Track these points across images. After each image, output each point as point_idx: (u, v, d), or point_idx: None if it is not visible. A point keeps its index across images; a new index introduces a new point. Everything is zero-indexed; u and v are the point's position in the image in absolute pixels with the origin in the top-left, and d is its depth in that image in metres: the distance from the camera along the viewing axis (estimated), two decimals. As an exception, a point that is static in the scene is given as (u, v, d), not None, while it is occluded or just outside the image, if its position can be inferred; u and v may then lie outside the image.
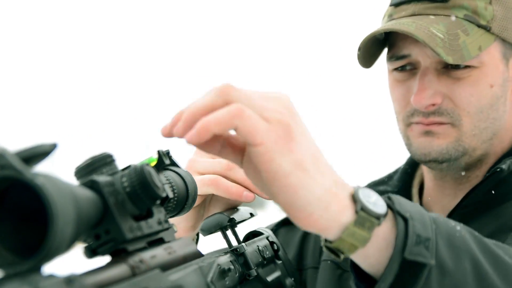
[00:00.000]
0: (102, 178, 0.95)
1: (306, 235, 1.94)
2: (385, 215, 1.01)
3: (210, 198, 1.55)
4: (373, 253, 1.02)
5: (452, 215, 1.68)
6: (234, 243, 1.40)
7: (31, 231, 0.85)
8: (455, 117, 1.67)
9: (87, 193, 0.89)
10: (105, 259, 0.96)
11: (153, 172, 1.02)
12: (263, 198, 1.48)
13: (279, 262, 1.52)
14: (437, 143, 1.69)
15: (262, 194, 1.48)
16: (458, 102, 1.66)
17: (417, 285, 1.00)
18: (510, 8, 1.71)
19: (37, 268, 0.76)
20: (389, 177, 1.95)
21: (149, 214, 1.04)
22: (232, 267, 1.22)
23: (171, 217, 1.18)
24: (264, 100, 0.98)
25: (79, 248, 0.99)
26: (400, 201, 1.06)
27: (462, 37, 1.63)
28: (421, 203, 1.88)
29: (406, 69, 1.73)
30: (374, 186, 1.92)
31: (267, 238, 1.52)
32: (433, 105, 1.66)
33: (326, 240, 1.03)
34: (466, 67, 1.65)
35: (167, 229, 1.09)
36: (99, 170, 0.99)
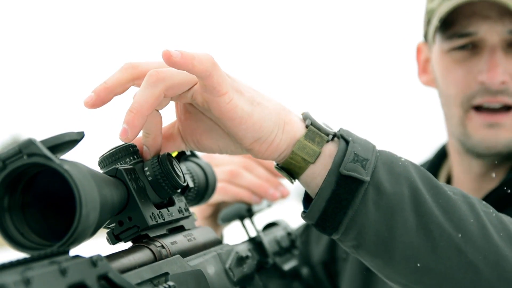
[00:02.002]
0: (125, 167, 0.99)
1: (309, 233, 1.91)
2: (333, 135, 1.07)
3: (222, 206, 1.57)
4: (320, 172, 1.06)
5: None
6: (253, 233, 1.44)
7: (58, 217, 0.88)
8: None
9: (111, 181, 0.93)
10: (128, 245, 1.00)
11: (175, 162, 1.06)
12: (270, 199, 1.52)
13: (296, 252, 1.55)
14: (504, 136, 1.64)
15: (269, 195, 1.52)
16: None
17: (353, 202, 1.03)
18: None
19: (64, 251, 0.80)
20: None
21: (171, 203, 1.08)
22: (250, 255, 1.25)
23: (192, 206, 1.22)
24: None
25: (103, 234, 1.03)
26: (348, 131, 1.10)
27: None
28: None
29: (467, 48, 1.66)
30: None
31: (284, 228, 1.55)
32: (503, 83, 1.62)
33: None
34: None
35: (187, 217, 1.12)
36: (123, 159, 1.03)
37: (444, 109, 1.75)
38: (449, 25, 1.65)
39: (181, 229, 1.11)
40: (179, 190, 1.07)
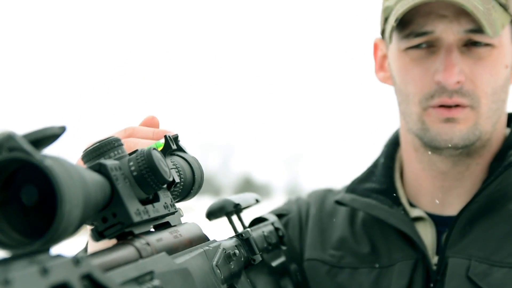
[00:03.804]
0: (109, 162, 0.96)
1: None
2: None
3: None
4: None
5: (463, 212, 1.65)
6: (240, 229, 1.41)
7: (40, 213, 0.86)
8: (475, 99, 1.63)
9: (95, 176, 0.90)
10: (112, 242, 0.98)
11: (160, 156, 1.03)
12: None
13: (284, 248, 1.53)
14: (459, 128, 1.64)
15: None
16: (479, 83, 1.63)
17: None
18: None
19: (45, 249, 0.77)
20: (370, 172, 1.90)
21: (156, 198, 1.06)
22: (237, 251, 1.23)
23: (178, 201, 1.20)
24: None
25: (86, 231, 1.00)
26: None
27: (493, 12, 1.61)
28: (406, 196, 1.83)
29: (422, 47, 1.66)
30: (359, 183, 1.87)
31: (272, 224, 1.53)
32: (459, 83, 1.62)
33: None
34: (487, 45, 1.63)
35: (173, 213, 1.10)
36: (107, 154, 1.00)
37: (402, 107, 1.75)
38: (406, 24, 1.65)
39: (167, 225, 1.09)
40: (164, 186, 1.04)
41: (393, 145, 1.90)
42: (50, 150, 0.85)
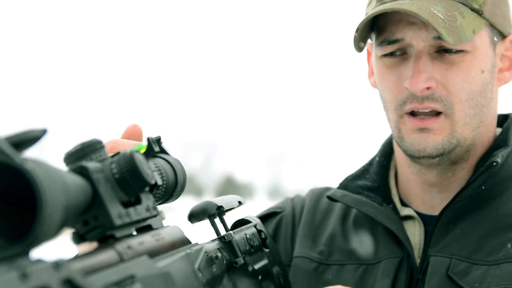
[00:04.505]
0: (91, 164, 0.96)
1: (276, 232, 1.93)
2: None
3: None
4: None
5: (445, 211, 1.68)
6: (222, 231, 1.41)
7: (20, 216, 0.85)
8: (448, 105, 1.65)
9: (76, 179, 0.89)
10: (93, 245, 0.97)
11: (142, 159, 1.02)
12: None
13: (267, 250, 1.52)
14: (433, 139, 1.66)
15: None
16: (451, 88, 1.65)
17: None
18: None
19: (25, 253, 0.77)
20: (365, 170, 1.93)
21: (138, 201, 1.05)
22: (219, 254, 1.23)
23: (160, 204, 1.19)
24: None
25: (67, 234, 1.00)
26: None
27: (459, 19, 1.62)
28: (399, 195, 1.86)
29: (396, 54, 1.69)
30: (352, 180, 1.89)
31: (255, 226, 1.52)
32: (428, 89, 1.64)
33: None
34: (459, 51, 1.64)
35: (155, 216, 1.09)
36: (89, 156, 1.00)
37: (385, 112, 1.78)
38: (380, 31, 1.69)
39: (148, 228, 1.08)
40: (147, 188, 1.04)
41: (390, 144, 1.92)
42: (31, 153, 0.84)
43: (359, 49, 1.73)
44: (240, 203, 1.54)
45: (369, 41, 1.81)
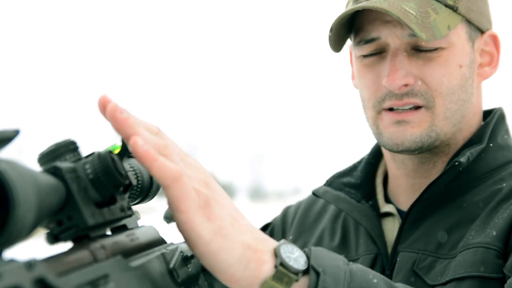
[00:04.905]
0: (65, 165, 0.96)
1: None
2: (304, 271, 1.06)
3: None
4: None
5: (413, 208, 1.70)
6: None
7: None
8: (428, 98, 1.66)
9: (49, 180, 0.90)
10: (67, 245, 0.97)
11: (116, 159, 1.03)
12: None
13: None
14: (411, 132, 1.68)
15: None
16: (430, 83, 1.66)
17: None
18: None
19: (-3, 254, 0.77)
20: (354, 167, 1.95)
21: (112, 201, 1.05)
22: None
23: (135, 204, 1.19)
24: (189, 167, 1.03)
25: (41, 234, 1.00)
26: (318, 254, 1.10)
27: (433, 15, 1.63)
28: (385, 193, 1.89)
29: (374, 54, 1.71)
30: (339, 177, 1.92)
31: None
32: (406, 85, 1.66)
33: None
34: (435, 49, 1.66)
35: (130, 216, 1.09)
36: (63, 156, 1.00)
37: (363, 111, 1.81)
38: (358, 31, 1.71)
39: (123, 228, 1.08)
40: (121, 188, 1.04)
41: (376, 154, 1.95)
42: (3, 154, 0.84)
43: (336, 49, 1.75)
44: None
45: (351, 42, 1.82)
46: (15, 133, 0.83)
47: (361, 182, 1.89)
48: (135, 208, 1.14)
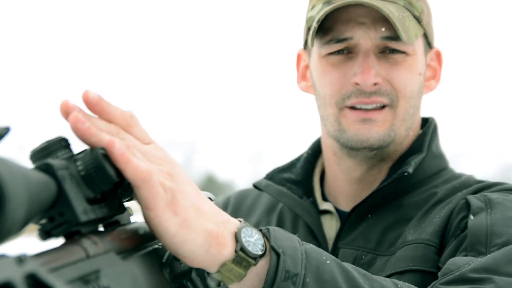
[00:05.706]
0: (56, 162, 0.97)
1: None
2: (262, 255, 1.11)
3: None
4: (248, 287, 1.11)
5: (357, 208, 1.79)
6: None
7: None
8: (393, 98, 1.75)
9: (40, 176, 0.90)
10: (59, 241, 0.98)
11: (108, 156, 1.03)
12: None
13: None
14: (376, 130, 1.75)
15: None
16: (396, 84, 1.75)
17: None
18: (429, 8, 1.85)
19: (-12, 249, 0.77)
20: (292, 164, 2.02)
21: (104, 198, 1.06)
22: None
23: (127, 200, 1.20)
24: (152, 160, 1.06)
25: (33, 230, 1.01)
26: (277, 234, 1.14)
27: (407, 21, 1.73)
28: (322, 191, 1.96)
29: (342, 53, 1.77)
30: (279, 172, 1.98)
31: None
32: (375, 84, 1.73)
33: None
34: (402, 52, 1.75)
35: (122, 212, 1.10)
36: (54, 153, 1.01)
37: (320, 111, 1.86)
38: (327, 31, 1.76)
39: (115, 224, 1.09)
40: (113, 185, 1.05)
41: (319, 144, 2.01)
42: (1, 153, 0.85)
43: (312, 42, 1.80)
44: (210, 199, 1.55)
45: (300, 47, 1.91)
46: (5, 130, 0.84)
47: (302, 179, 1.95)
48: (127, 204, 1.15)
